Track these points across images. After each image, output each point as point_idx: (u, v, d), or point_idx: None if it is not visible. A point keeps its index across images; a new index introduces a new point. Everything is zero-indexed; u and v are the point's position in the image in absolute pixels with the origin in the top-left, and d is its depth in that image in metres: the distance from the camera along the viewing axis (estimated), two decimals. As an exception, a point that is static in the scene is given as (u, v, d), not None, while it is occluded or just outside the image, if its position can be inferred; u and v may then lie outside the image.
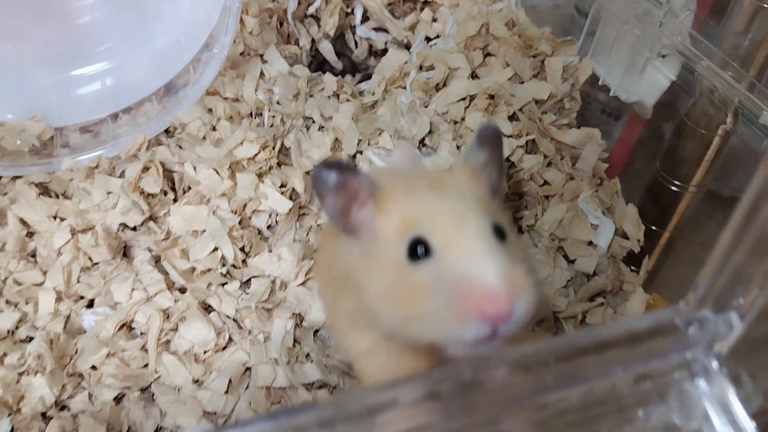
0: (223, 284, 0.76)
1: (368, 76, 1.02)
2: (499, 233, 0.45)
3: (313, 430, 0.33)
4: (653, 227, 0.89)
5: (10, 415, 0.68)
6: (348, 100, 0.92)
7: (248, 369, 0.72)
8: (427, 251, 0.44)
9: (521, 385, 0.38)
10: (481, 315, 0.40)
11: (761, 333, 0.43)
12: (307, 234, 0.80)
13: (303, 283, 0.77)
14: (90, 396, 0.70)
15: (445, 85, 0.95)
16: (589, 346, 0.38)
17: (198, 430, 0.34)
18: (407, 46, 1.05)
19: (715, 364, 0.39)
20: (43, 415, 0.69)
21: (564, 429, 0.40)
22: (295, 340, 0.73)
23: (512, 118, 0.90)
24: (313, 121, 0.89)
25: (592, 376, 0.38)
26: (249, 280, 0.78)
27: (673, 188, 0.87)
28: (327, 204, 0.50)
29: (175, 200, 0.82)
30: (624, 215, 0.84)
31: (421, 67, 0.95)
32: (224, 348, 0.73)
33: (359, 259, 0.49)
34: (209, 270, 0.76)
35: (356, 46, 1.10)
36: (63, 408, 0.70)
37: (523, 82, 0.93)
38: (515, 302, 0.40)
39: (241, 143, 0.79)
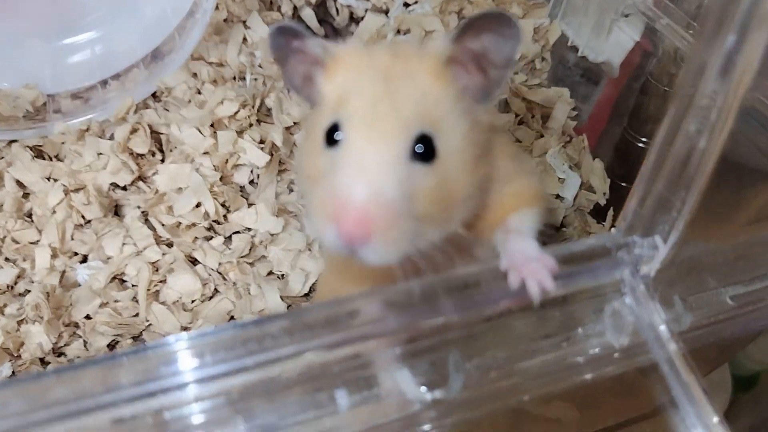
0: (207, 239, 0.81)
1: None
2: (426, 149, 0.41)
3: (278, 335, 0.37)
4: (622, 183, 0.93)
5: (11, 360, 0.72)
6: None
7: (233, 317, 0.76)
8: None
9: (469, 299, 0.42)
10: (335, 226, 0.38)
11: (690, 259, 0.47)
12: (288, 187, 0.84)
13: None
14: (85, 343, 0.75)
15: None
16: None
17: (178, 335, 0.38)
18: (386, 12, 1.08)
19: (642, 285, 0.44)
20: (42, 360, 0.73)
21: (507, 346, 0.44)
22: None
23: (486, 78, 0.93)
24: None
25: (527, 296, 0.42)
26: (231, 235, 0.82)
27: (640, 144, 0.91)
28: (287, 72, 0.47)
29: (162, 161, 0.85)
30: (591, 170, 0.88)
31: (398, 31, 0.98)
32: (210, 298, 0.77)
33: (306, 125, 0.49)
34: (194, 225, 0.80)
35: (337, 14, 1.13)
36: (60, 354, 0.74)
37: (496, 44, 0.96)
38: (374, 232, 0.38)
39: (222, 102, 0.83)
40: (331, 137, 0.42)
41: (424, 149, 0.40)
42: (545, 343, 0.45)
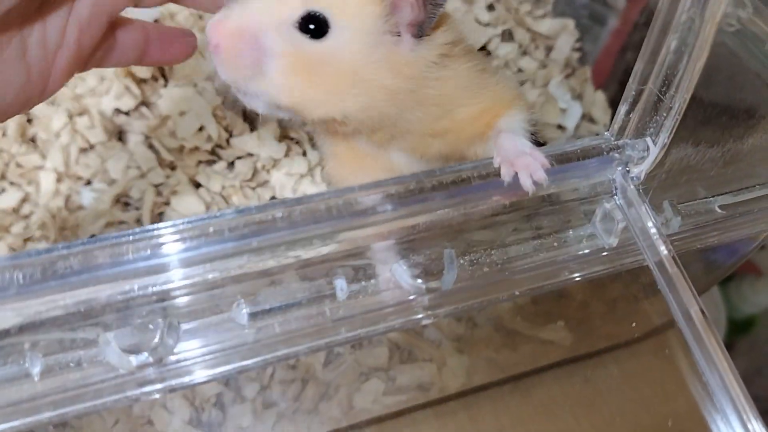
0: (210, 162, 0.82)
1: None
2: (314, 24, 0.43)
3: (278, 224, 0.39)
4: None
5: (18, 277, 0.74)
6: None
7: (236, 238, 0.78)
8: None
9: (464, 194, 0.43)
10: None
11: (680, 164, 0.48)
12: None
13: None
14: (91, 262, 0.77)
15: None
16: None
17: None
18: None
19: (632, 186, 0.45)
20: (49, 278, 0.75)
21: (499, 244, 0.46)
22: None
23: (490, 8, 0.93)
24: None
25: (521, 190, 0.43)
26: (233, 161, 0.83)
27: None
28: None
29: (165, 85, 0.86)
30: (593, 101, 0.89)
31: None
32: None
33: None
34: (197, 148, 0.81)
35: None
36: (66, 272, 0.76)
37: (499, -26, 0.95)
38: (222, 49, 0.43)
39: (225, 27, 0.83)
40: None
41: (315, 26, 0.43)
42: (537, 242, 0.46)
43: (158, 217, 0.78)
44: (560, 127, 0.86)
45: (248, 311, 0.40)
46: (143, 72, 0.85)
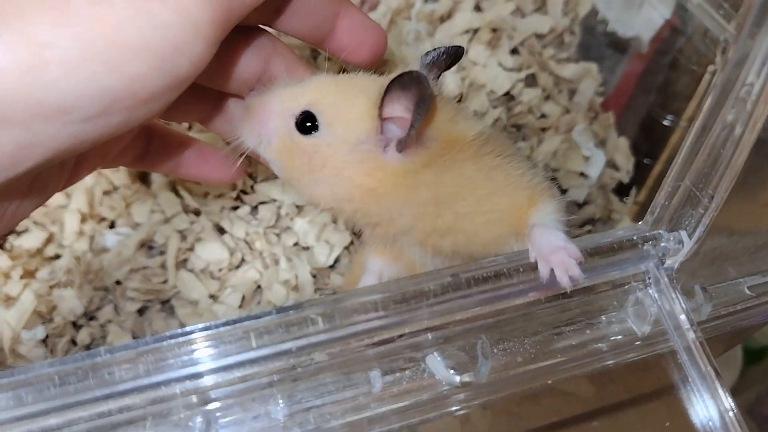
0: (234, 208, 0.82)
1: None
2: (310, 122, 0.49)
3: (317, 320, 0.39)
4: (646, 160, 0.93)
5: (44, 323, 0.75)
6: (354, 33, 0.95)
7: (259, 286, 0.78)
8: None
9: (499, 290, 0.43)
10: None
11: (713, 250, 0.48)
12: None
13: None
14: (115, 307, 0.77)
15: (449, 17, 0.97)
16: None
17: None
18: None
19: (665, 277, 0.45)
20: (74, 324, 0.76)
21: (532, 332, 0.46)
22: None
23: (513, 52, 0.93)
24: (319, 53, 0.92)
25: (557, 285, 0.43)
26: (257, 205, 0.84)
27: (665, 122, 0.91)
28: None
29: (189, 128, 0.86)
30: (616, 147, 0.89)
31: (426, -1, 0.98)
32: (237, 267, 0.79)
33: None
34: (221, 195, 0.81)
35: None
36: (92, 318, 0.77)
37: (524, 16, 0.95)
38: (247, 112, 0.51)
39: (251, 74, 0.83)
40: None
41: (309, 123, 0.49)
42: (569, 330, 0.46)
43: (182, 264, 0.79)
44: (583, 174, 0.86)
45: (284, 406, 0.40)
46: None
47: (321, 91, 0.50)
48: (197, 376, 0.38)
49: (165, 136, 0.54)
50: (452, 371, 0.43)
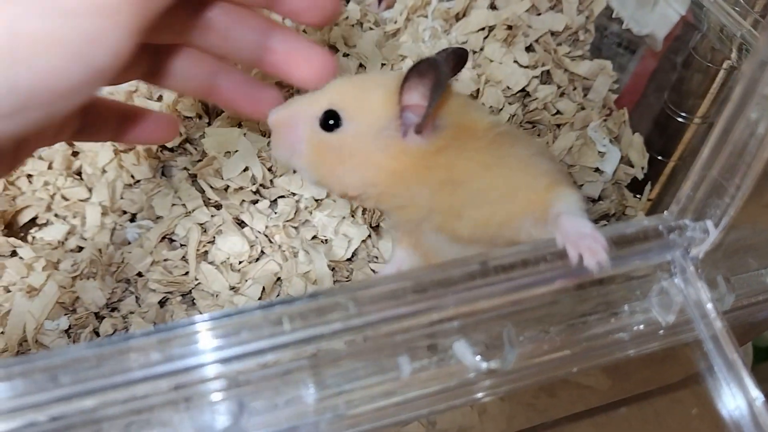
0: (254, 202, 0.83)
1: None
2: (332, 119, 0.52)
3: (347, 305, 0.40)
4: (659, 156, 0.94)
5: (66, 314, 0.76)
6: (371, 29, 0.96)
7: (279, 279, 0.79)
8: None
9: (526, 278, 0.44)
10: None
11: (736, 242, 0.49)
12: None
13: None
14: (137, 299, 0.78)
15: (465, 14, 0.98)
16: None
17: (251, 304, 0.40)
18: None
19: (691, 266, 0.45)
20: (96, 315, 0.77)
21: (557, 321, 0.47)
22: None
23: (529, 49, 0.94)
24: (338, 50, 0.93)
25: (587, 271, 0.44)
26: (276, 199, 0.84)
27: (680, 119, 0.91)
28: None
29: (209, 123, 0.87)
30: (630, 144, 0.89)
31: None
32: (257, 259, 0.80)
33: None
34: (241, 188, 0.82)
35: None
36: (114, 309, 0.78)
37: (540, 14, 0.96)
38: (274, 128, 0.55)
39: (269, 68, 0.84)
40: None
41: (333, 120, 0.52)
42: (593, 319, 0.47)
43: (203, 256, 0.80)
44: (598, 170, 0.87)
45: (314, 391, 0.41)
46: (188, 110, 0.86)
47: (339, 91, 0.53)
48: (229, 360, 0.38)
49: (101, 106, 0.53)
50: (479, 358, 0.43)
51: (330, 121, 0.52)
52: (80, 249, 0.82)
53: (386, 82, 0.53)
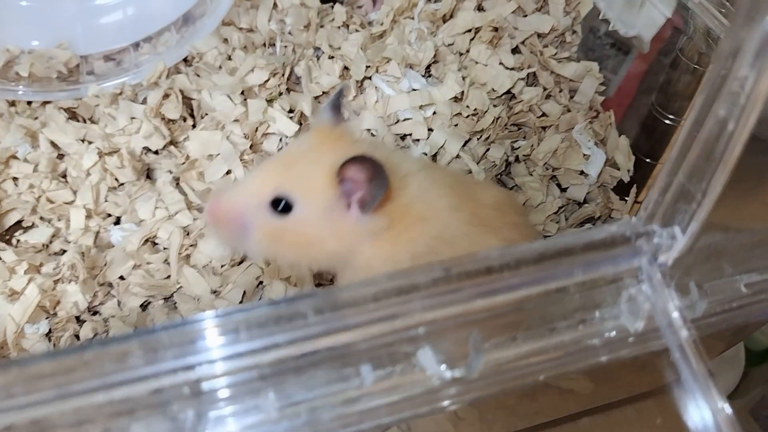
0: (237, 205, 0.83)
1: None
2: (282, 204, 0.57)
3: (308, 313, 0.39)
4: (647, 159, 0.93)
5: (47, 318, 0.76)
6: (357, 31, 0.96)
7: (261, 282, 0.79)
8: None
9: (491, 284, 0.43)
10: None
11: (708, 247, 0.48)
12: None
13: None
14: (119, 303, 0.78)
15: (451, 16, 0.98)
16: (551, 252, 0.43)
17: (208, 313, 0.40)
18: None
19: (658, 273, 0.45)
20: (77, 318, 0.77)
21: (526, 327, 0.46)
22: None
23: (515, 50, 0.93)
24: (323, 52, 0.93)
25: (553, 278, 0.44)
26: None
27: (667, 121, 0.90)
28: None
29: (193, 126, 0.87)
30: (616, 146, 0.89)
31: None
32: (239, 263, 0.80)
33: None
34: (224, 191, 0.82)
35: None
36: (95, 313, 0.78)
37: (526, 15, 0.95)
38: (216, 222, 0.60)
39: (252, 70, 0.84)
40: None
41: (282, 205, 0.57)
42: (562, 325, 0.47)
43: (185, 260, 0.79)
44: (583, 173, 0.86)
45: (275, 399, 0.41)
46: (172, 112, 0.86)
47: (280, 176, 0.58)
48: (189, 367, 0.38)
49: None
50: (444, 366, 0.43)
51: (280, 205, 0.57)
52: (64, 252, 0.82)
53: (321, 159, 0.57)
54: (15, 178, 0.88)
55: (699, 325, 0.47)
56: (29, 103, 0.95)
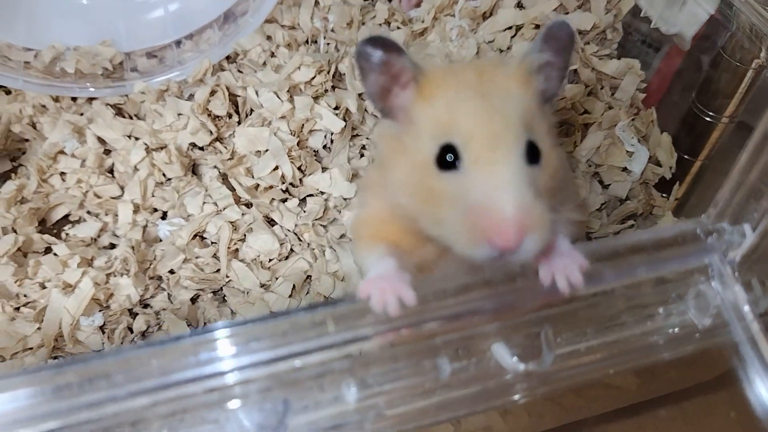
0: (283, 200, 0.84)
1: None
2: (533, 153, 0.45)
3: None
4: (686, 156, 0.93)
5: (101, 310, 0.77)
6: (399, 28, 0.97)
7: (309, 277, 0.80)
8: (456, 160, 0.44)
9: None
10: (489, 242, 0.41)
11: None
12: (360, 153, 0.87)
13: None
14: (169, 296, 0.79)
15: (492, 14, 0.98)
16: (622, 249, 0.44)
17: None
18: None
19: (729, 270, 0.46)
20: (129, 311, 0.78)
21: (592, 321, 0.47)
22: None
23: (556, 48, 0.94)
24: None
25: (624, 275, 0.44)
26: (305, 198, 0.85)
27: (707, 119, 0.91)
28: (369, 82, 0.49)
29: (239, 122, 0.88)
30: (658, 143, 0.89)
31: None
32: (287, 257, 0.81)
33: (392, 140, 0.50)
34: (271, 187, 0.83)
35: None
36: (146, 306, 0.79)
37: (567, 13, 0.96)
38: (525, 238, 0.41)
39: (299, 68, 0.85)
40: (443, 160, 0.45)
41: (533, 154, 0.45)
42: (631, 320, 0.47)
43: (234, 254, 0.81)
44: (626, 170, 0.87)
45: (356, 391, 0.42)
46: (219, 109, 0.87)
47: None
48: (275, 360, 0.39)
49: None
50: (516, 359, 0.44)
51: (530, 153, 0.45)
52: (113, 246, 0.84)
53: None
54: (63, 173, 0.89)
55: (764, 320, 0.48)
56: (74, 99, 0.96)
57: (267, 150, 0.83)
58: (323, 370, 0.42)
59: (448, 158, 0.45)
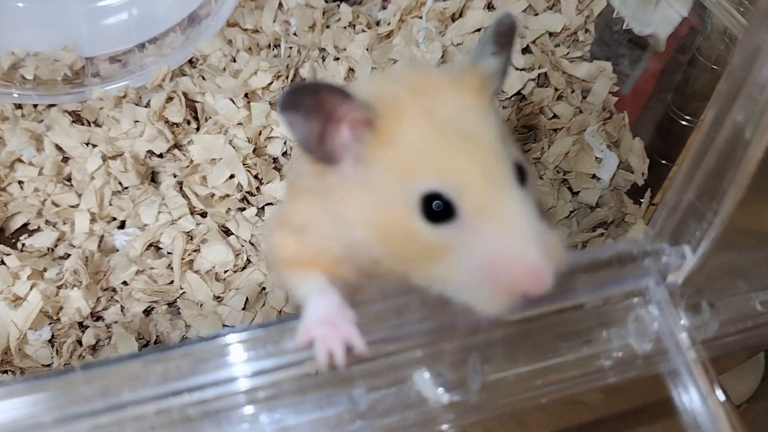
0: (240, 209, 0.82)
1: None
2: (521, 175, 0.39)
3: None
4: (662, 160, 0.90)
5: (50, 323, 0.75)
6: (363, 31, 0.94)
7: (264, 288, 0.78)
8: (449, 210, 0.37)
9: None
10: (524, 294, 0.36)
11: (722, 265, 0.46)
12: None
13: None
14: (122, 308, 0.77)
15: (460, 15, 0.96)
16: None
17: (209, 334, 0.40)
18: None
19: (666, 294, 0.43)
20: (80, 324, 0.76)
21: (531, 346, 0.45)
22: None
23: (525, 50, 0.91)
24: (328, 53, 0.91)
25: (558, 299, 0.42)
26: (264, 206, 0.83)
27: (683, 122, 0.88)
28: (299, 134, 0.40)
29: (197, 129, 0.86)
30: (630, 149, 0.86)
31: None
32: (243, 268, 0.79)
33: (340, 187, 0.41)
34: (227, 196, 0.81)
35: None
36: (98, 318, 0.77)
37: (537, 14, 0.93)
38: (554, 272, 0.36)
39: (255, 73, 0.83)
40: (431, 210, 0.38)
41: (521, 175, 0.39)
42: (565, 346, 0.45)
43: (188, 265, 0.78)
44: (595, 177, 0.84)
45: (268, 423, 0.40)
46: (176, 116, 0.85)
47: None
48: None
49: None
50: (441, 389, 0.42)
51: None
52: (68, 256, 0.82)
53: None
54: (20, 182, 0.87)
55: (713, 345, 0.45)
56: (35, 106, 0.94)
57: (222, 159, 0.81)
58: (231, 403, 0.39)
59: (435, 207, 0.38)
